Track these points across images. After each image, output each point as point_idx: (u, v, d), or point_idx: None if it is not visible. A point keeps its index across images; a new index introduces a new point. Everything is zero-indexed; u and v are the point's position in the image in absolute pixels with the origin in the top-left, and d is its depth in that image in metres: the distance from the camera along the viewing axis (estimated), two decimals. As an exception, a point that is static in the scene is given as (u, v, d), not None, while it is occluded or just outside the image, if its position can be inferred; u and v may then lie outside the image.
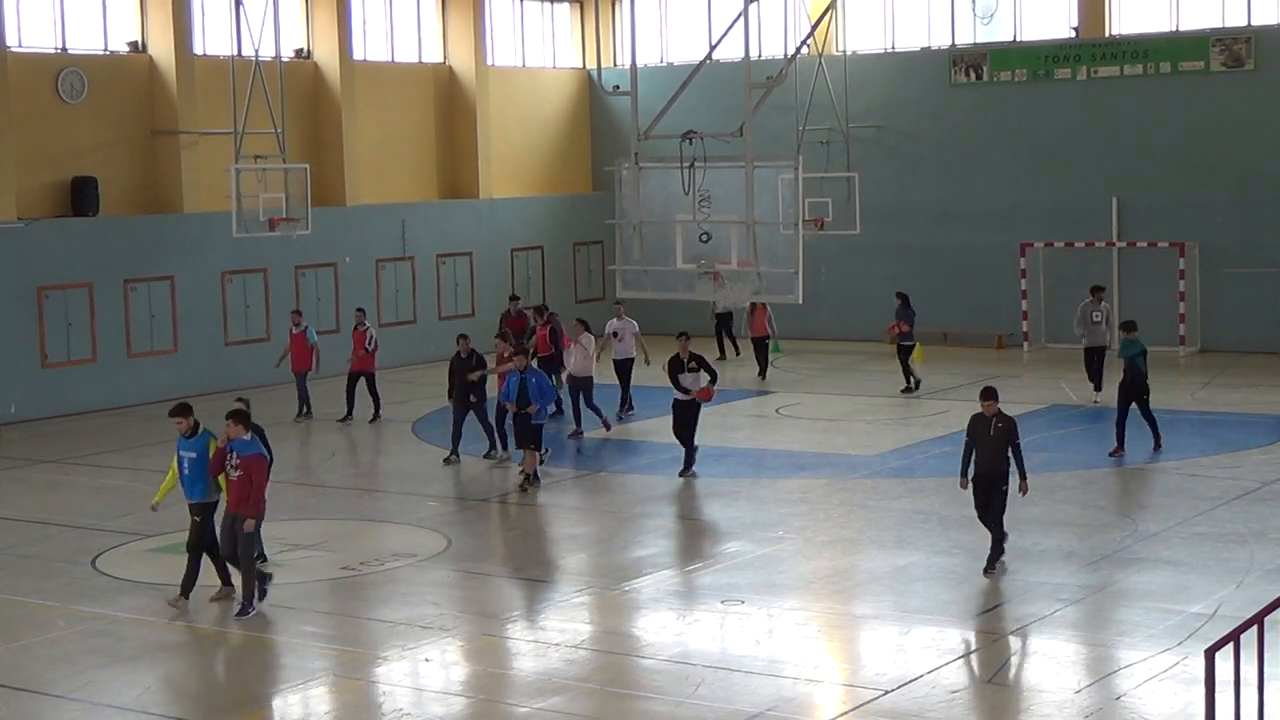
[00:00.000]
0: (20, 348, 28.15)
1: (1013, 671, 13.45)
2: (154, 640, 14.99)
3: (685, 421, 21.96)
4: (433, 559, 17.76)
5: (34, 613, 15.95)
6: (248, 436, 15.68)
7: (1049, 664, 13.67)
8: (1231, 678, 9.66)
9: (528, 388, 21.12)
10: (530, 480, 21.04)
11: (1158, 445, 22.48)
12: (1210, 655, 9.39)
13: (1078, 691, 12.82)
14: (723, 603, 15.74)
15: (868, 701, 12.73)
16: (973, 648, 14.04)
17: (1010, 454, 16.26)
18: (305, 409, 27.33)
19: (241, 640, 14.89)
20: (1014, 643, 14.14)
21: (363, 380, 27.04)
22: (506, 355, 22.84)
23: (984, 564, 16.38)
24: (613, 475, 22.40)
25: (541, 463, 21.68)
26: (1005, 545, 16.53)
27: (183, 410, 16.23)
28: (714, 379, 22.36)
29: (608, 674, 13.64)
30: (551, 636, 14.81)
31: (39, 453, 25.01)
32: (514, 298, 30.90)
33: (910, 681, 13.14)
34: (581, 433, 25.27)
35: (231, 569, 15.99)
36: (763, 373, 31.07)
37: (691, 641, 14.74)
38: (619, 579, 16.84)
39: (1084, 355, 27.25)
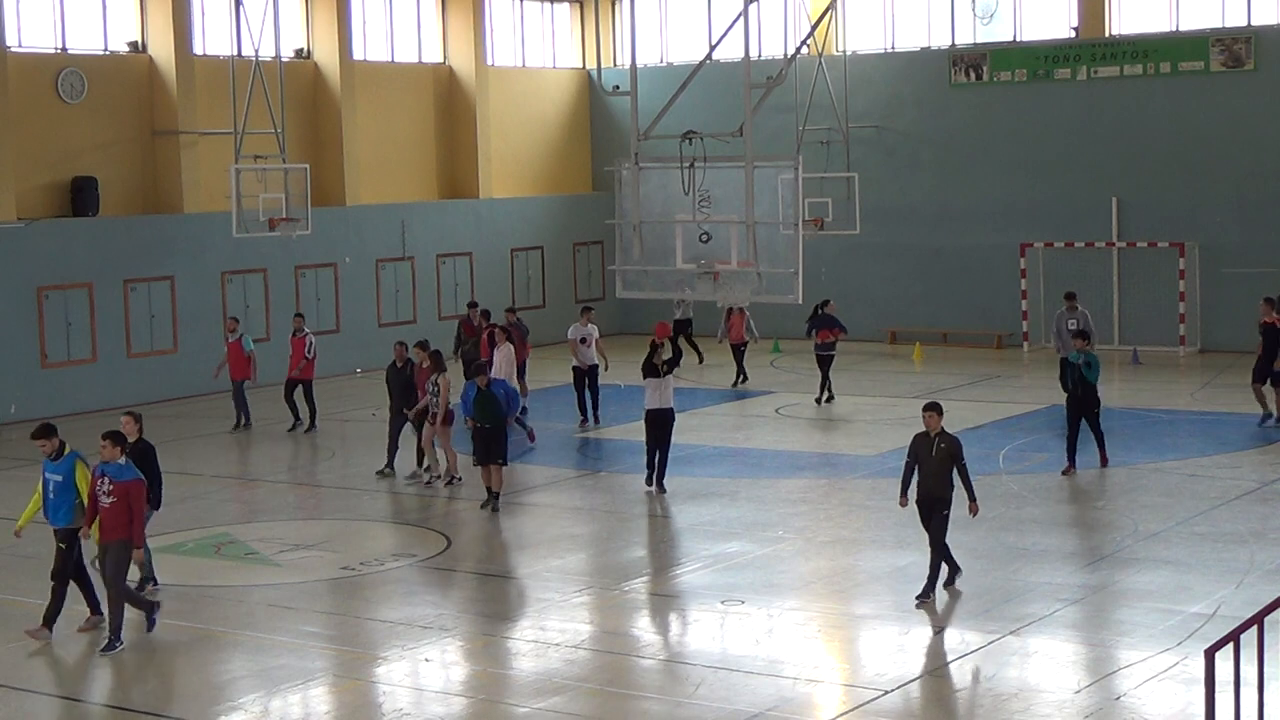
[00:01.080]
0: (20, 348, 28.15)
1: (1013, 671, 13.45)
2: (154, 640, 14.97)
3: (663, 437, 20.88)
4: (433, 559, 17.76)
5: (34, 613, 15.92)
6: (123, 460, 14.94)
7: (1049, 664, 13.67)
8: (1231, 678, 9.66)
9: (494, 401, 19.89)
10: (496, 498, 19.98)
11: (1103, 461, 21.50)
12: (1210, 655, 9.39)
13: (1078, 691, 12.82)
14: (723, 603, 15.74)
15: (868, 701, 12.74)
16: (973, 648, 14.03)
17: (956, 476, 15.38)
18: (244, 420, 26.58)
19: (242, 641, 14.88)
20: (1014, 643, 14.13)
21: (300, 388, 26.22)
22: (424, 367, 21.76)
23: (939, 583, 15.52)
24: (613, 475, 22.39)
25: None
26: (956, 576, 15.71)
27: (45, 432, 15.48)
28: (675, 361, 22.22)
29: (608, 674, 13.64)
30: (551, 636, 14.80)
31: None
32: (473, 304, 29.29)
33: (910, 681, 13.14)
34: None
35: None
36: (739, 380, 30.16)
37: (691, 641, 14.74)
38: (619, 579, 16.84)
39: (1060, 366, 26.12)
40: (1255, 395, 24.64)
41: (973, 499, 15.58)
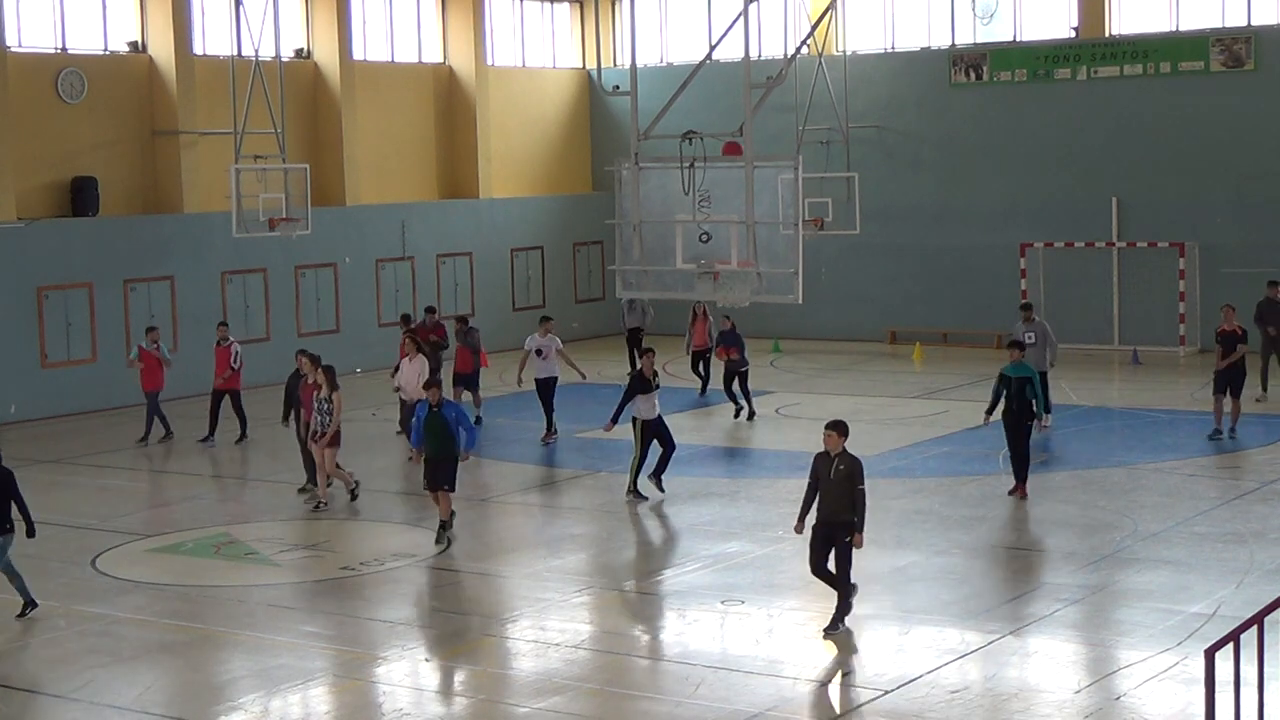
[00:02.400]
0: (20, 348, 28.15)
1: (1013, 671, 13.45)
2: (154, 640, 14.99)
3: (663, 441, 20.36)
4: (433, 559, 17.76)
5: (34, 613, 15.93)
6: None
7: (1049, 664, 13.67)
8: (1231, 678, 9.66)
9: (445, 424, 18.19)
10: (445, 527, 18.44)
11: (1016, 489, 19.81)
12: (1210, 655, 9.39)
13: (1078, 691, 12.82)
14: (723, 603, 15.73)
15: (868, 701, 12.74)
16: (973, 648, 14.03)
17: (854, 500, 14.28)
18: (166, 431, 25.57)
19: (241, 641, 14.88)
20: (1014, 643, 14.13)
21: (227, 399, 25.32)
22: (309, 381, 20.56)
23: (828, 621, 14.50)
24: (613, 475, 22.38)
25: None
26: (844, 617, 14.54)
27: None
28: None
29: (608, 674, 13.64)
30: (551, 636, 14.80)
31: (39, 453, 25.00)
32: (430, 309, 28.07)
33: (910, 681, 13.14)
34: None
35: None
36: (704, 389, 29.00)
37: (691, 641, 14.74)
38: (619, 579, 16.84)
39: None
40: (1216, 407, 23.57)
41: (859, 529, 14.28)
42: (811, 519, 14.63)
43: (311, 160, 32.39)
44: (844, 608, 14.47)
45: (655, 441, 20.37)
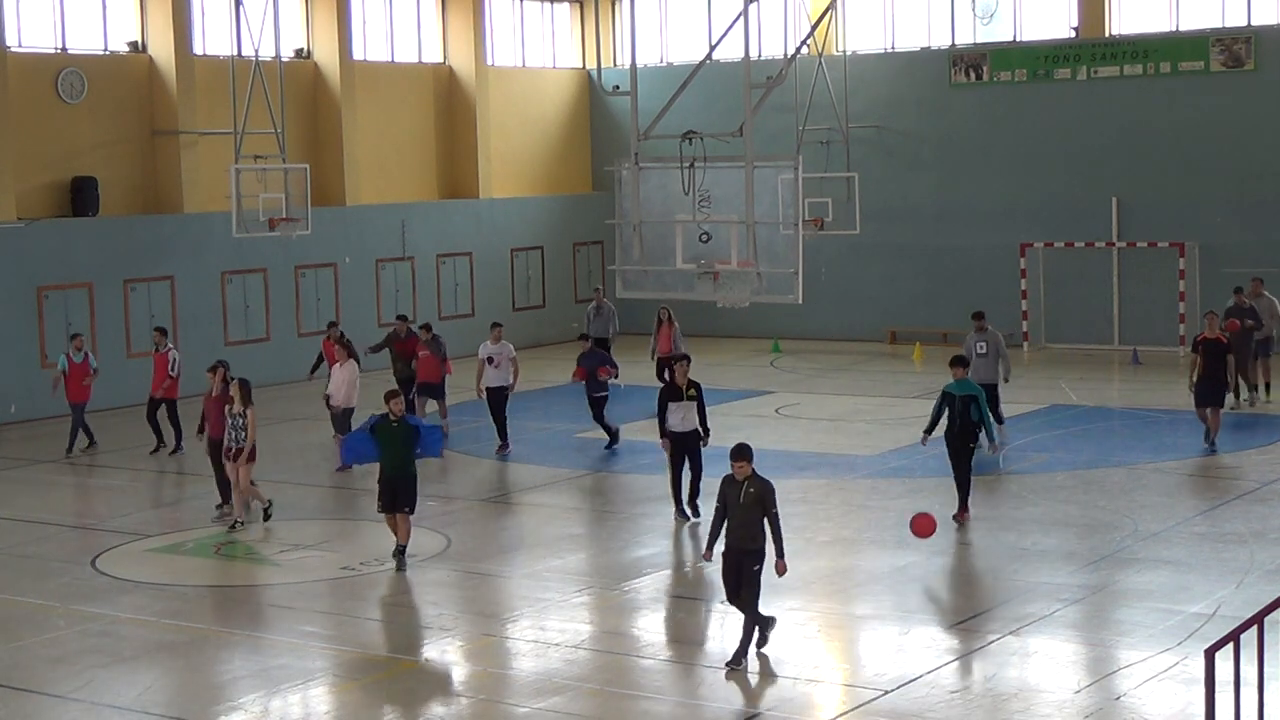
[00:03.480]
0: (20, 348, 28.15)
1: (1013, 671, 13.45)
2: (154, 640, 14.99)
3: (692, 462, 19.03)
4: (433, 559, 17.76)
5: (34, 613, 15.95)
6: None
7: (1049, 664, 13.67)
8: (1231, 678, 9.66)
9: (407, 438, 16.98)
10: (403, 552, 17.24)
11: (960, 514, 18.60)
12: (1210, 655, 9.39)
13: (1078, 691, 12.82)
14: (723, 603, 15.73)
15: (868, 701, 12.74)
16: (973, 648, 14.03)
17: (765, 525, 13.58)
18: (89, 441, 24.84)
19: (241, 641, 14.88)
20: (1014, 643, 14.13)
21: (164, 408, 24.54)
22: (214, 395, 19.80)
23: (743, 647, 13.53)
24: (613, 475, 22.38)
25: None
26: (765, 642, 13.74)
27: None
28: (703, 421, 19.08)
29: (608, 674, 13.64)
30: (551, 636, 14.81)
31: (39, 453, 25.00)
32: (401, 317, 27.06)
33: (910, 681, 13.14)
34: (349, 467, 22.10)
35: None
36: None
37: (691, 641, 14.73)
38: (619, 579, 16.84)
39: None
40: (1201, 418, 22.92)
41: (780, 555, 13.59)
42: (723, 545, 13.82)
43: (311, 160, 32.39)
44: (748, 639, 13.45)
45: (686, 459, 19.04)
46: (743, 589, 13.52)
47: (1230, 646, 9.59)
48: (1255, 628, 9.87)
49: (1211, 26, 33.20)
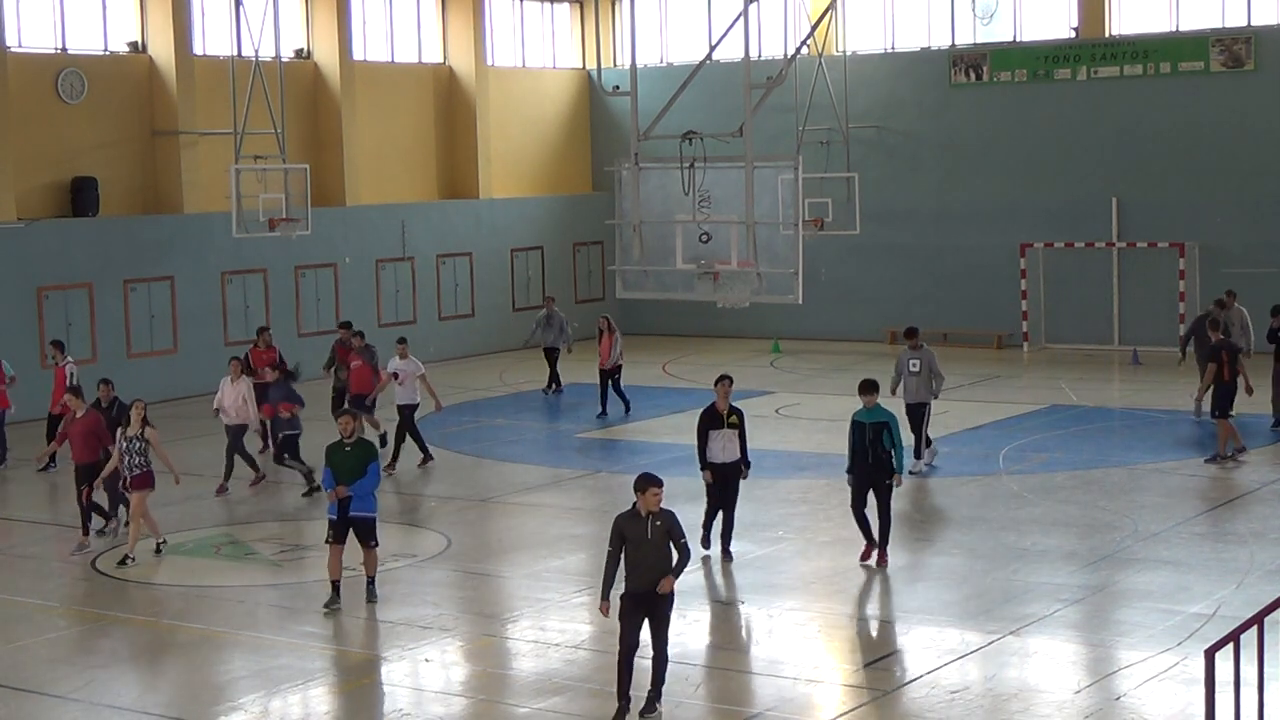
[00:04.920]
0: (20, 348, 28.13)
1: (1013, 671, 13.45)
2: (154, 640, 14.99)
3: (726, 497, 17.34)
4: (433, 559, 17.76)
5: (34, 613, 15.95)
6: None
7: (1049, 664, 13.67)
8: (1231, 678, 9.65)
9: (364, 462, 15.52)
10: (372, 584, 15.95)
11: (880, 556, 16.78)
12: (1210, 655, 9.39)
13: (1078, 691, 12.82)
14: (723, 603, 15.72)
15: (868, 701, 12.74)
16: (972, 648, 14.03)
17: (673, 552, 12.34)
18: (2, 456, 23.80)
19: (241, 641, 14.88)
20: (1014, 643, 14.13)
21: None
22: (81, 417, 18.56)
23: (644, 703, 12.44)
24: (613, 475, 22.38)
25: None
26: (658, 702, 12.51)
27: None
28: (744, 451, 17.33)
29: (608, 674, 13.61)
30: (551, 636, 14.81)
31: (39, 453, 24.97)
32: (345, 325, 25.56)
33: (910, 681, 13.14)
34: (225, 489, 21.54)
35: None
36: (604, 412, 26.93)
37: (691, 641, 14.73)
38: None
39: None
40: (1223, 431, 22.09)
41: (676, 575, 12.36)
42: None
43: (311, 160, 32.39)
44: (663, 679, 12.47)
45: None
46: (654, 627, 12.33)
47: (1230, 646, 9.59)
48: (1255, 628, 9.87)
49: (1211, 26, 33.20)
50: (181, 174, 30.99)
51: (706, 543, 17.42)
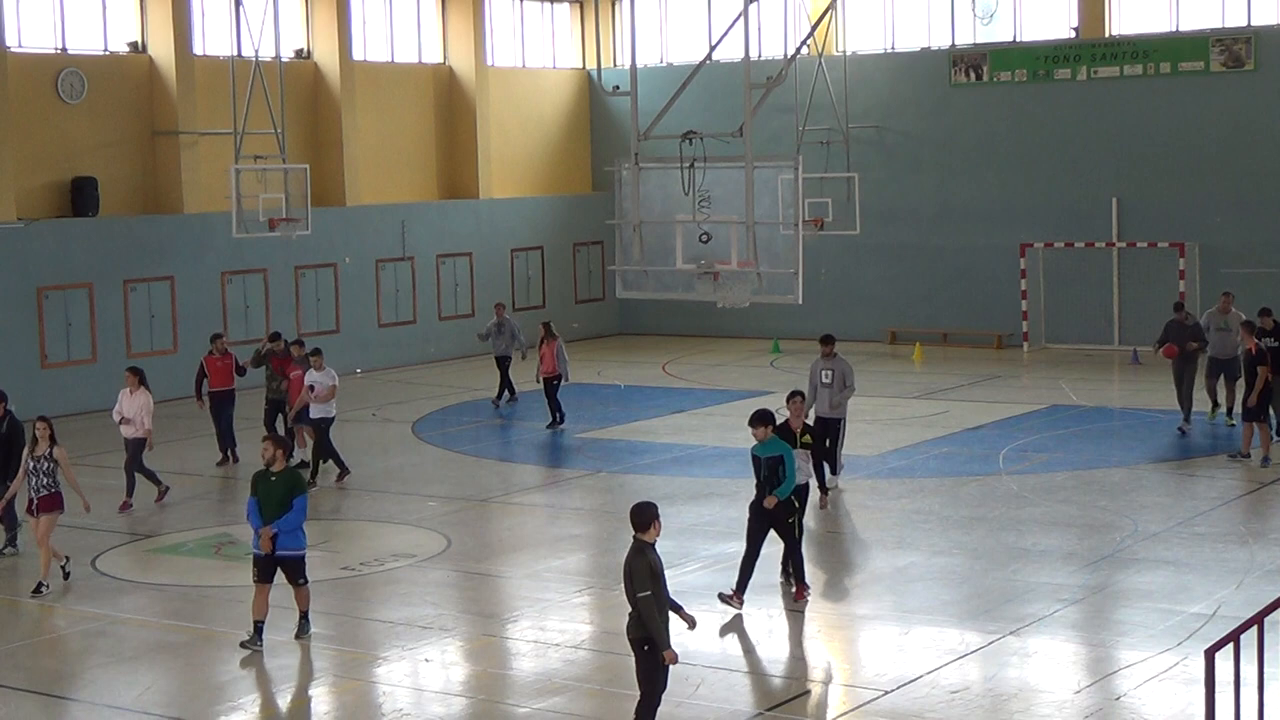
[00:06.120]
0: (20, 348, 28.15)
1: (1013, 671, 13.45)
2: (154, 640, 14.99)
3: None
4: (433, 559, 17.77)
5: (34, 613, 15.94)
6: None
7: (1049, 664, 13.67)
8: (1231, 678, 9.66)
9: (292, 493, 14.41)
10: (305, 619, 14.83)
11: (796, 591, 15.59)
12: (1210, 655, 9.39)
13: (1078, 692, 12.82)
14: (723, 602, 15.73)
15: (868, 701, 12.74)
16: (972, 648, 14.03)
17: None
18: None
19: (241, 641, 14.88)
20: (1014, 643, 14.13)
21: None
22: None
23: None
24: (613, 475, 22.38)
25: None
26: None
27: None
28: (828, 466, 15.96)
29: (608, 674, 13.64)
30: (551, 636, 14.81)
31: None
32: (275, 335, 24.42)
33: (910, 681, 13.14)
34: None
35: None
36: (554, 422, 25.87)
37: (691, 641, 14.72)
38: (619, 579, 16.80)
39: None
40: (1247, 436, 21.78)
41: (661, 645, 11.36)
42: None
43: (311, 160, 32.40)
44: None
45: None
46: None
47: (1230, 646, 9.59)
48: (1255, 628, 9.87)
49: (1211, 26, 33.20)
50: (181, 174, 30.99)
51: (788, 577, 16.01)
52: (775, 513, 15.31)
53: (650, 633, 11.24)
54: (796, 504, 15.46)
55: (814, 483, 16.73)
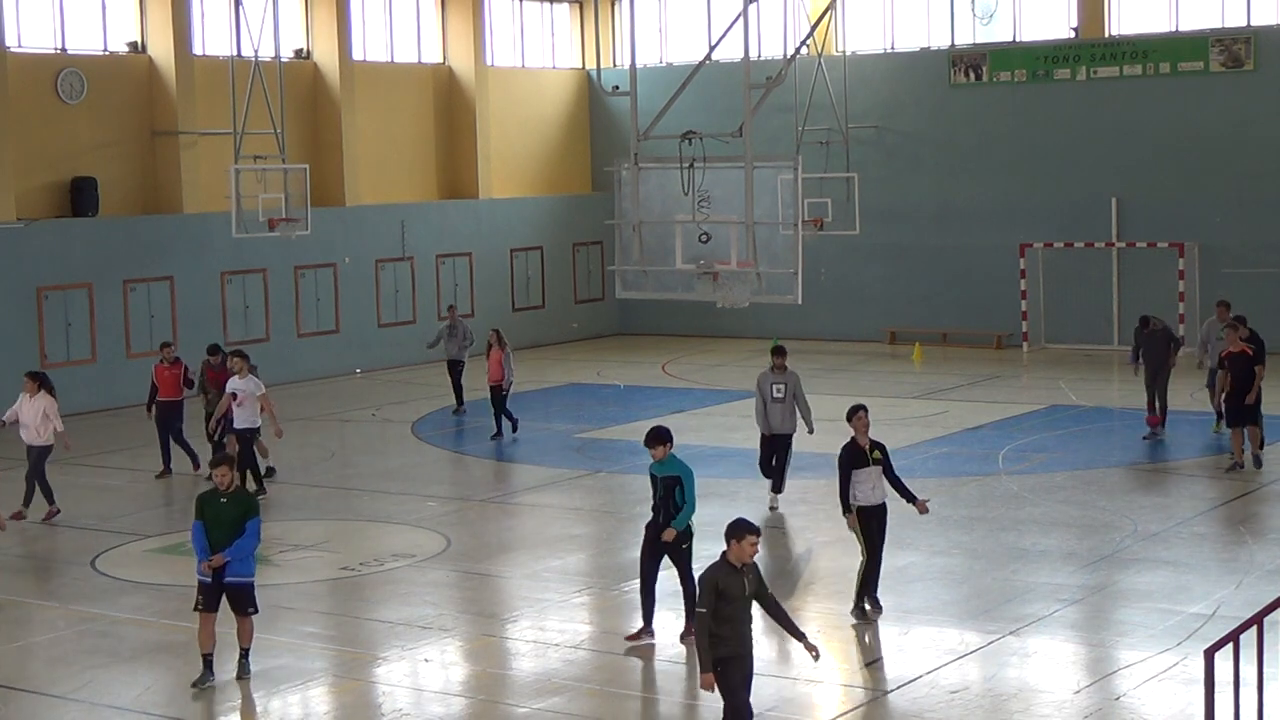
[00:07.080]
0: (20, 348, 28.14)
1: (1012, 671, 13.45)
2: (154, 640, 14.98)
3: (877, 541, 15.20)
4: (432, 559, 17.76)
5: (34, 613, 15.94)
6: None
7: (1049, 664, 13.67)
8: (1231, 678, 9.66)
9: (244, 517, 13.42)
10: (246, 656, 13.75)
11: (686, 628, 14.45)
12: (1210, 655, 9.39)
13: (1077, 692, 12.82)
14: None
15: (868, 701, 12.74)
16: (972, 648, 14.03)
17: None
18: None
19: (241, 640, 14.87)
20: (1013, 643, 14.13)
21: None
22: None
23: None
24: (612, 475, 22.39)
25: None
26: None
27: None
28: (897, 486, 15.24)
29: (608, 674, 13.64)
30: (551, 636, 14.81)
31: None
32: (214, 349, 23.47)
33: (910, 681, 13.14)
34: (23, 514, 19.89)
35: None
36: (499, 433, 25.24)
37: (691, 641, 14.72)
38: (619, 579, 16.83)
39: (762, 446, 20.21)
40: (1236, 442, 21.37)
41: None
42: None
43: (311, 160, 32.39)
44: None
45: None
46: (749, 699, 11.02)
47: (1230, 647, 9.59)
48: (1255, 628, 9.87)
49: (1211, 26, 33.21)
50: (181, 174, 31.00)
51: (861, 608, 15.25)
52: (678, 539, 14.64)
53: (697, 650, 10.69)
54: (693, 531, 14.77)
55: (895, 493, 15.90)
